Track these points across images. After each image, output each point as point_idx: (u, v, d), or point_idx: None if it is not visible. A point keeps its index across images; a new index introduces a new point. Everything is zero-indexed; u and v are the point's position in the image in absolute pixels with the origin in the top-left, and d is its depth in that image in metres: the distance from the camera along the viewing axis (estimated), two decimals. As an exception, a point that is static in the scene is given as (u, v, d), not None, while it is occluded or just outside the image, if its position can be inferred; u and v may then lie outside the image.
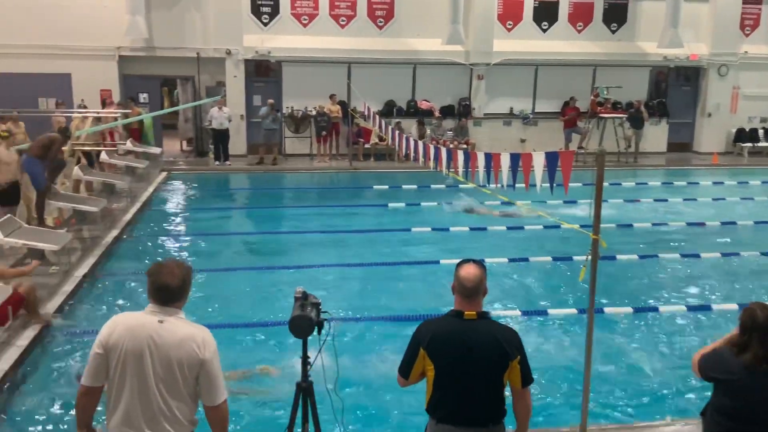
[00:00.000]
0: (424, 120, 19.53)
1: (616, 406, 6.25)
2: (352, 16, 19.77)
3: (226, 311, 8.23)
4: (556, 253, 10.60)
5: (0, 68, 17.61)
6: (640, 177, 17.75)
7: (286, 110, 19.43)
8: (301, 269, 9.84)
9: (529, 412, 3.71)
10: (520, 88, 20.59)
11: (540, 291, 9.23)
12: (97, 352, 3.35)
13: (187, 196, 15.39)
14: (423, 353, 3.58)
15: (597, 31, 20.97)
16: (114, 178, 13.47)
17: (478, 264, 3.65)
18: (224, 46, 18.68)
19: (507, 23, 20.46)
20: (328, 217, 13.21)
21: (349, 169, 18.23)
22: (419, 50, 19.66)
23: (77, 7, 17.78)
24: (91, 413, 3.48)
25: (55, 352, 7.08)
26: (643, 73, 21.41)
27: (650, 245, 11.33)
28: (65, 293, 8.42)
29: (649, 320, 8.19)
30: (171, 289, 3.37)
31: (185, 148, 20.50)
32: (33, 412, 5.88)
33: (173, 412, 3.33)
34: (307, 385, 4.27)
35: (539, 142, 18.97)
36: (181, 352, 3.31)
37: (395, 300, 8.80)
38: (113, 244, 10.80)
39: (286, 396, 5.78)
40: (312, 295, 4.24)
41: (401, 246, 11.16)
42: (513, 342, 3.57)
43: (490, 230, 12.06)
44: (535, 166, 5.66)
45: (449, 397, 3.57)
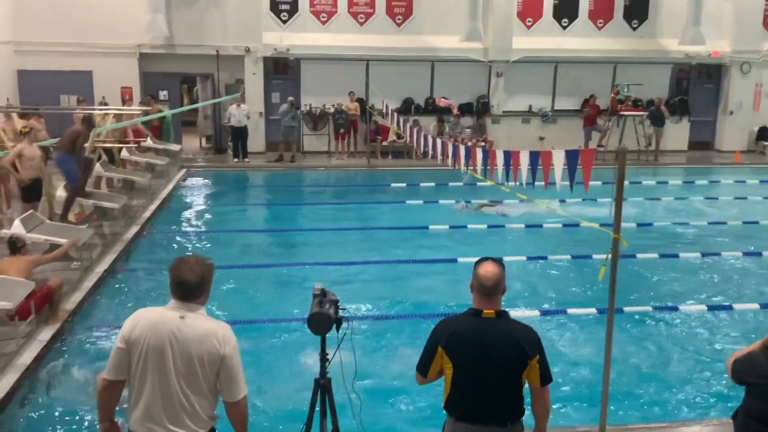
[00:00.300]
0: (443, 117, 19.48)
1: (635, 406, 6.21)
2: (371, 14, 19.77)
3: (244, 307, 8.27)
4: (575, 252, 10.54)
5: (23, 65, 17.87)
6: (661, 175, 17.58)
7: (305, 108, 19.47)
8: (319, 266, 9.87)
9: (548, 412, 3.69)
10: (540, 86, 20.47)
11: (559, 290, 9.18)
12: (120, 346, 3.38)
13: (205, 193, 15.49)
14: (441, 351, 3.57)
15: (618, 28, 20.78)
16: (134, 175, 13.57)
17: (497, 262, 3.64)
18: (243, 43, 18.75)
19: (526, 20, 20.33)
20: (345, 214, 13.24)
21: (367, 167, 18.24)
22: (438, 47, 19.61)
23: (99, 6, 17.93)
24: (113, 407, 3.51)
25: (76, 347, 7.15)
26: (665, 70, 21.19)
27: (671, 244, 11.23)
28: (86, 289, 8.52)
29: (669, 320, 8.12)
30: (190, 285, 3.38)
31: (204, 146, 20.62)
32: (54, 407, 5.96)
33: (194, 407, 3.36)
34: (326, 381, 4.29)
35: (558, 140, 18.84)
36: (201, 348, 3.33)
37: (413, 298, 8.80)
38: (133, 240, 10.91)
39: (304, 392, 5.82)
40: (330, 292, 4.25)
41: (419, 244, 11.15)
42: (532, 341, 3.55)
43: (508, 228, 12.02)
44: (555, 164, 5.62)
45: (467, 396, 3.56)
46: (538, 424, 3.72)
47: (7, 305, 6.48)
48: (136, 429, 3.37)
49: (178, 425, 3.34)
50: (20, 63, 17.89)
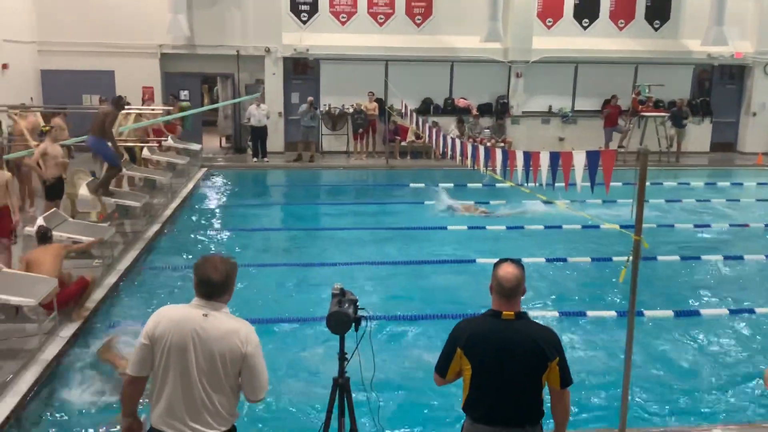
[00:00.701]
0: (462, 118, 19.44)
1: (655, 410, 6.15)
2: (391, 14, 19.78)
3: (263, 306, 8.31)
4: (595, 254, 10.47)
5: (47, 65, 18.11)
6: (682, 177, 17.41)
7: (324, 108, 19.53)
8: (337, 266, 9.90)
9: (567, 414, 3.67)
10: (560, 86, 20.36)
11: (578, 292, 9.13)
12: (143, 342, 3.41)
13: (225, 192, 15.59)
14: (460, 353, 3.57)
15: (639, 28, 20.61)
16: (155, 174, 13.69)
17: (517, 263, 3.62)
18: (263, 44, 18.86)
19: (547, 20, 20.24)
20: (364, 214, 13.25)
21: (386, 167, 18.26)
22: (457, 48, 19.58)
23: (122, 6, 18.13)
24: (136, 402, 3.56)
25: (97, 343, 7.22)
26: (686, 71, 20.98)
27: (692, 247, 11.12)
28: (108, 286, 8.61)
29: (691, 323, 8.03)
30: (213, 283, 3.41)
31: (224, 145, 20.76)
32: (75, 402, 6.02)
33: (215, 405, 3.38)
34: (344, 380, 4.30)
35: (578, 141, 18.74)
36: (224, 346, 3.36)
37: (431, 298, 8.79)
38: (154, 238, 11.01)
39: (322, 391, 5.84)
40: (349, 291, 4.26)
41: (437, 244, 11.14)
42: (552, 343, 3.53)
43: (528, 229, 11.97)
44: (575, 165, 5.59)
45: (486, 397, 3.55)
46: (558, 427, 3.70)
47: (30, 301, 6.57)
48: (158, 425, 3.40)
49: (199, 422, 3.37)
50: (43, 63, 18.13)
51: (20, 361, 6.35)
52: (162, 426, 3.39)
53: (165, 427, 3.38)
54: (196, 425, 3.37)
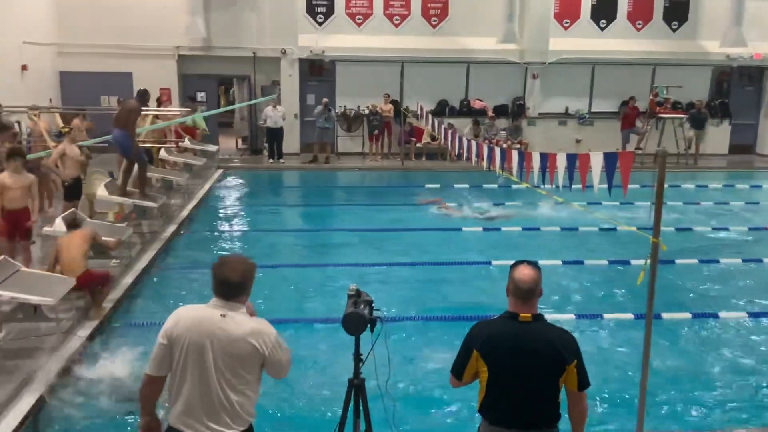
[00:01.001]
0: (478, 119, 19.39)
1: (673, 413, 6.10)
2: (407, 16, 19.79)
3: (278, 307, 8.32)
4: (612, 256, 10.40)
5: (66, 67, 18.30)
6: (701, 179, 17.26)
7: (339, 109, 19.57)
8: (353, 267, 9.91)
9: (584, 417, 3.65)
10: (577, 88, 20.27)
11: (595, 294, 9.08)
12: (162, 342, 3.44)
13: (241, 193, 15.65)
14: (476, 355, 3.55)
15: (657, 29, 20.47)
16: (172, 175, 13.78)
17: (533, 265, 3.61)
18: (280, 45, 18.93)
19: (564, 21, 20.15)
20: (379, 215, 13.24)
21: (401, 168, 18.26)
22: (473, 49, 19.54)
23: (139, 8, 18.29)
24: (154, 401, 3.57)
25: (114, 342, 7.28)
26: (705, 72, 20.80)
27: (710, 249, 11.02)
28: (125, 286, 8.67)
29: (709, 326, 7.95)
30: (231, 283, 3.43)
31: (240, 146, 20.86)
32: (93, 401, 6.07)
33: (233, 405, 3.40)
34: (359, 382, 4.30)
35: (595, 143, 18.62)
36: (242, 347, 3.38)
37: (447, 299, 8.78)
38: (171, 238, 11.08)
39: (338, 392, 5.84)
40: (365, 292, 4.26)
41: (452, 245, 11.12)
42: (570, 346, 3.51)
43: (544, 231, 11.92)
44: (592, 166, 5.56)
45: (503, 400, 3.54)
46: (575, 430, 3.68)
47: (48, 301, 6.63)
48: (175, 424, 3.42)
49: (217, 422, 3.39)
50: (62, 65, 18.32)
51: (39, 360, 6.41)
52: (180, 425, 3.41)
53: (183, 426, 3.40)
54: (213, 425, 3.38)
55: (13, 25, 15.64)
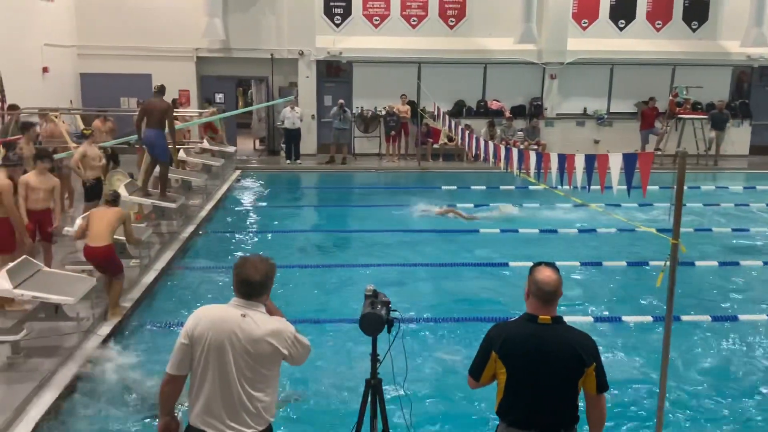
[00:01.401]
0: (494, 120, 19.33)
1: (692, 418, 6.04)
2: (424, 16, 19.78)
3: (296, 307, 8.34)
4: (631, 258, 10.33)
5: (86, 69, 18.50)
6: (721, 180, 17.08)
7: (356, 110, 19.60)
8: (370, 267, 9.92)
9: (603, 420, 3.63)
10: (595, 88, 20.15)
11: (613, 296, 9.02)
12: (183, 342, 3.46)
13: (259, 194, 15.72)
14: (495, 356, 3.55)
15: (677, 29, 20.30)
16: (191, 176, 13.87)
17: (554, 267, 3.59)
18: (297, 47, 19.01)
19: (582, 21, 20.04)
20: (395, 216, 13.24)
21: (418, 169, 18.25)
22: (491, 49, 19.49)
23: (159, 10, 18.45)
24: (174, 401, 3.60)
25: (133, 342, 7.35)
26: (725, 72, 20.59)
27: (731, 251, 10.91)
28: (144, 285, 8.75)
29: (729, 329, 7.87)
30: (253, 283, 3.46)
31: (258, 147, 20.97)
32: (112, 400, 6.13)
33: (254, 404, 3.42)
34: (376, 382, 4.31)
35: (614, 144, 18.51)
36: (262, 347, 3.40)
37: (464, 301, 8.77)
38: (189, 239, 11.16)
39: (355, 392, 5.86)
40: (382, 293, 4.27)
41: (469, 247, 11.10)
42: (589, 349, 3.50)
43: (561, 233, 11.87)
44: (611, 167, 5.52)
45: (521, 402, 3.53)
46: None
47: (69, 300, 6.70)
48: (196, 424, 3.45)
49: (237, 422, 3.41)
50: (83, 66, 18.53)
51: (59, 358, 6.49)
52: (200, 424, 3.43)
53: (203, 425, 3.42)
54: (234, 424, 3.41)
55: (34, 28, 15.84)
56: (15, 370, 6.27)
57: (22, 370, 6.24)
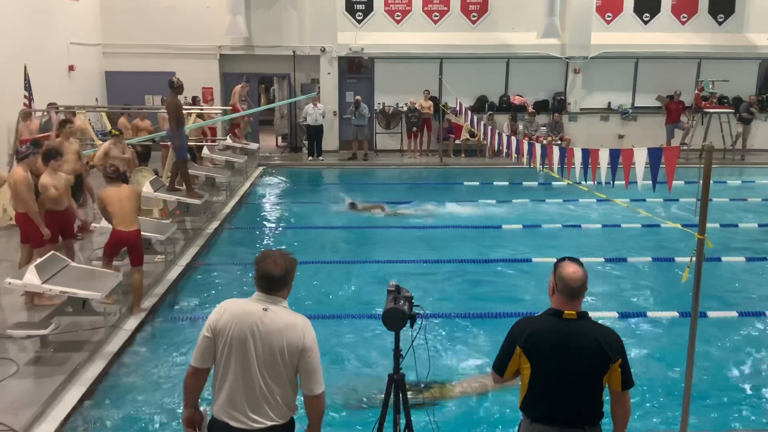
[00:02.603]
0: (516, 115, 19.22)
1: (717, 413, 5.97)
2: (446, 12, 19.71)
3: (319, 302, 8.39)
4: (656, 253, 10.23)
5: (110, 67, 18.71)
6: (747, 175, 16.82)
7: (378, 106, 19.60)
8: (393, 263, 9.92)
9: (627, 416, 3.59)
10: (619, 82, 19.95)
11: (639, 292, 8.93)
12: (206, 335, 3.51)
13: (281, 190, 15.81)
14: (519, 351, 3.53)
15: (702, 22, 20.00)
16: (215, 173, 13.98)
17: (579, 263, 3.56)
18: (319, 44, 19.04)
19: (606, 15, 19.83)
20: (417, 212, 13.22)
21: (440, 165, 18.21)
22: (513, 44, 19.36)
23: (182, 8, 18.62)
24: (197, 393, 3.64)
25: (159, 336, 7.44)
26: (752, 66, 20.25)
27: (758, 247, 10.74)
28: (169, 281, 8.85)
29: (756, 325, 7.76)
30: (273, 278, 3.49)
31: (280, 144, 21.05)
32: (138, 394, 6.21)
33: (275, 397, 3.45)
34: (399, 377, 4.31)
35: (638, 138, 18.30)
36: (282, 340, 3.42)
37: (487, 296, 8.75)
38: (213, 235, 11.26)
39: (378, 387, 5.88)
40: (405, 288, 4.27)
41: (492, 242, 11.06)
42: (615, 344, 3.47)
43: (585, 228, 11.78)
44: (636, 162, 5.46)
45: (545, 397, 3.51)
46: (617, 429, 3.63)
47: (96, 295, 6.79)
48: (219, 416, 3.49)
49: (259, 414, 3.44)
50: (107, 65, 18.75)
51: (86, 353, 6.59)
52: (223, 417, 3.47)
53: (226, 417, 3.46)
54: (256, 416, 3.44)
55: (60, 27, 16.05)
56: (43, 364, 6.38)
57: (51, 364, 6.34)
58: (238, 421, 3.44)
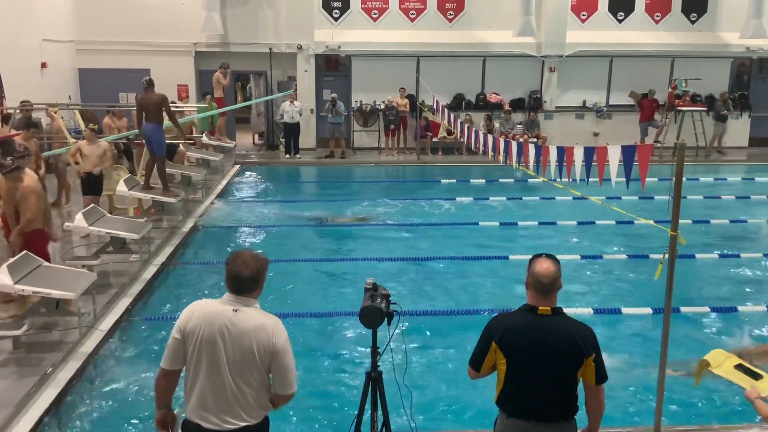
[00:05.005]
0: (493, 114, 19.32)
1: (691, 407, 6.07)
2: (422, 10, 19.74)
3: (296, 301, 8.38)
4: (630, 250, 10.35)
5: (84, 64, 18.47)
6: (720, 173, 17.08)
7: (355, 104, 19.58)
8: (370, 261, 9.94)
9: (602, 410, 3.65)
10: (594, 81, 20.12)
11: (613, 288, 9.04)
12: (176, 337, 3.48)
13: (258, 189, 15.73)
14: (495, 347, 3.57)
15: (675, 21, 20.26)
16: (191, 171, 13.87)
17: (553, 259, 3.60)
18: (296, 41, 18.98)
19: (581, 14, 20.01)
20: (394, 210, 13.25)
21: (417, 163, 18.25)
22: (489, 43, 19.46)
23: (156, 5, 18.44)
24: (169, 395, 3.62)
25: (134, 336, 7.37)
26: (724, 64, 20.55)
27: (730, 243, 10.92)
28: (144, 280, 8.76)
29: (728, 320, 7.90)
30: (243, 279, 3.45)
31: (257, 142, 20.95)
32: (113, 394, 6.16)
33: (246, 397, 3.43)
34: (377, 374, 4.32)
35: (613, 136, 18.51)
36: (253, 341, 3.39)
37: (464, 293, 8.80)
38: (189, 233, 11.17)
39: (355, 385, 5.89)
40: (381, 286, 4.28)
41: (469, 240, 11.11)
42: (588, 340, 3.51)
43: (560, 225, 11.88)
44: (610, 160, 5.53)
45: (520, 392, 3.55)
46: (592, 423, 3.69)
47: (70, 295, 6.72)
48: (191, 417, 3.47)
49: (231, 415, 3.42)
50: (81, 62, 18.52)
51: (60, 354, 6.50)
52: (195, 418, 3.45)
53: (198, 419, 3.44)
54: (228, 417, 3.42)
55: (32, 24, 15.80)
56: (16, 365, 6.29)
57: (24, 366, 6.25)
58: (210, 423, 3.42)
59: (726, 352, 4.72)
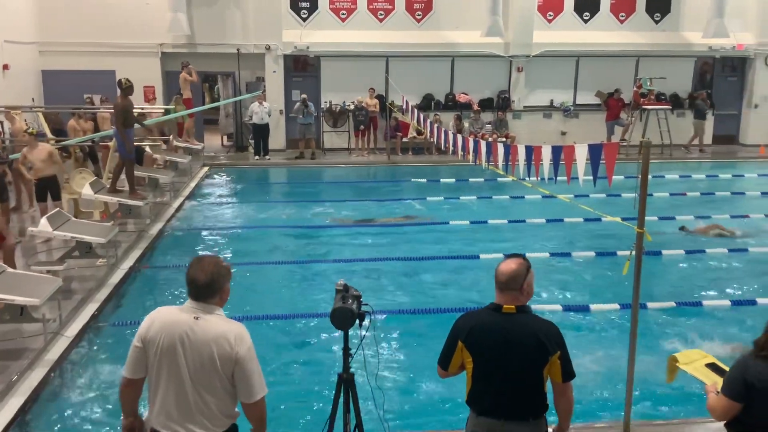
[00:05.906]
0: (462, 113, 19.41)
1: (659, 402, 6.15)
2: (390, 10, 19.76)
3: (266, 303, 8.32)
4: (598, 248, 10.47)
5: (48, 65, 18.14)
6: (685, 170, 17.38)
7: (325, 105, 19.53)
8: (341, 262, 9.92)
9: (571, 407, 3.66)
10: (561, 80, 20.34)
11: (581, 285, 9.14)
12: (136, 345, 3.39)
13: (227, 191, 15.61)
14: (461, 345, 3.57)
15: (640, 21, 20.57)
16: (158, 173, 13.70)
17: (521, 259, 3.61)
18: (264, 41, 18.86)
19: (547, 14, 20.21)
20: (365, 210, 13.24)
21: (387, 163, 18.27)
22: (458, 43, 19.56)
23: (121, 5, 18.17)
24: (135, 402, 3.53)
25: (101, 342, 7.25)
26: (688, 63, 20.94)
27: (695, 239, 11.11)
28: (112, 285, 8.63)
29: (693, 315, 8.04)
30: (199, 284, 3.35)
31: (226, 143, 20.77)
32: (80, 401, 6.05)
33: (209, 406, 3.35)
34: (349, 376, 4.30)
35: (580, 135, 18.71)
36: (213, 349, 3.30)
37: (434, 293, 8.82)
38: (157, 237, 11.03)
39: (327, 387, 5.86)
40: (353, 287, 4.26)
41: (439, 239, 11.15)
42: (553, 337, 3.52)
43: (530, 223, 11.99)
44: (577, 158, 5.59)
45: (489, 391, 3.55)
46: (561, 421, 3.70)
47: (34, 301, 6.59)
48: (155, 426, 3.39)
49: (194, 424, 3.34)
50: (44, 63, 18.18)
51: (25, 361, 6.37)
52: (159, 427, 3.37)
53: (162, 428, 3.36)
54: (192, 426, 3.33)
55: (-7, 24, 15.48)
56: (-21, 374, 6.15)
57: (-13, 374, 6.12)
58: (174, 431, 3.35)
59: (703, 353, 4.81)
